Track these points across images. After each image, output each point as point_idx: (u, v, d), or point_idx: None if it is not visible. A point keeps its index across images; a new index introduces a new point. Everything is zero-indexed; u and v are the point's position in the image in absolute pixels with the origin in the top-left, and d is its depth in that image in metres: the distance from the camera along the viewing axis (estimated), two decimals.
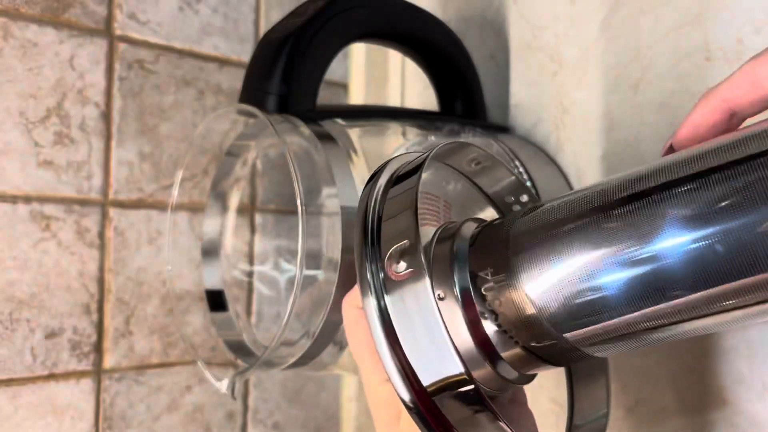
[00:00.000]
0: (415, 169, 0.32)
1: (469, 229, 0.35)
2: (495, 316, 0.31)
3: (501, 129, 0.55)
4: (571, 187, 0.52)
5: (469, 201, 0.49)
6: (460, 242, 0.33)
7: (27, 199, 0.53)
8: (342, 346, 0.44)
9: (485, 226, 0.34)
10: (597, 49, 0.50)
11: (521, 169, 0.49)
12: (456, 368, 0.28)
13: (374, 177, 0.34)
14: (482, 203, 0.50)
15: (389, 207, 0.32)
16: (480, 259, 0.32)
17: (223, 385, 0.43)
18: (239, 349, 0.48)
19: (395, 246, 0.30)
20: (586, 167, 0.51)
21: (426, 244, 0.34)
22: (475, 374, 0.32)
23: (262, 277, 0.61)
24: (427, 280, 0.28)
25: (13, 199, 0.52)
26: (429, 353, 0.28)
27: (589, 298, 0.29)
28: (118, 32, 0.57)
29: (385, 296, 0.29)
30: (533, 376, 0.35)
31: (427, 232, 0.36)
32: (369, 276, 0.30)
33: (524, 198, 0.40)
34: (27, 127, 0.53)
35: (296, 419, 0.68)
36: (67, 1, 0.55)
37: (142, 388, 0.58)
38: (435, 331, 0.28)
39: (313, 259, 0.41)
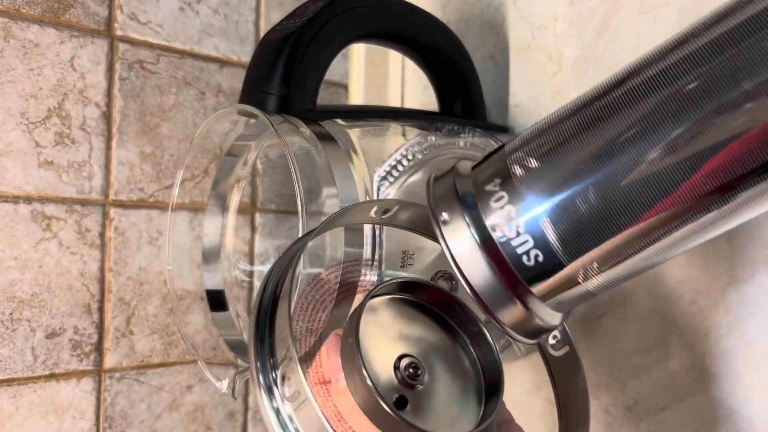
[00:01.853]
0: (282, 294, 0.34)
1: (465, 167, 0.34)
2: None
3: (500, 129, 0.55)
4: None
5: None
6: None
7: (28, 200, 0.53)
8: None
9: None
10: (596, 49, 0.50)
11: None
12: None
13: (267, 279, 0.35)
14: None
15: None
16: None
17: (224, 385, 0.43)
18: (240, 348, 0.48)
19: (282, 366, 0.32)
20: None
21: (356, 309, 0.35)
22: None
23: (262, 277, 0.61)
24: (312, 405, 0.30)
25: (15, 200, 0.52)
26: None
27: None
28: (118, 33, 0.58)
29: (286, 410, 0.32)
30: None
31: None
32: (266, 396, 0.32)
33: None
34: (28, 127, 0.53)
35: None
36: (67, 2, 0.55)
37: (143, 388, 0.58)
38: None
39: (314, 258, 0.42)
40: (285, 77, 0.42)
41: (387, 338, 0.35)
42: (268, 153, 0.57)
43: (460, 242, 0.28)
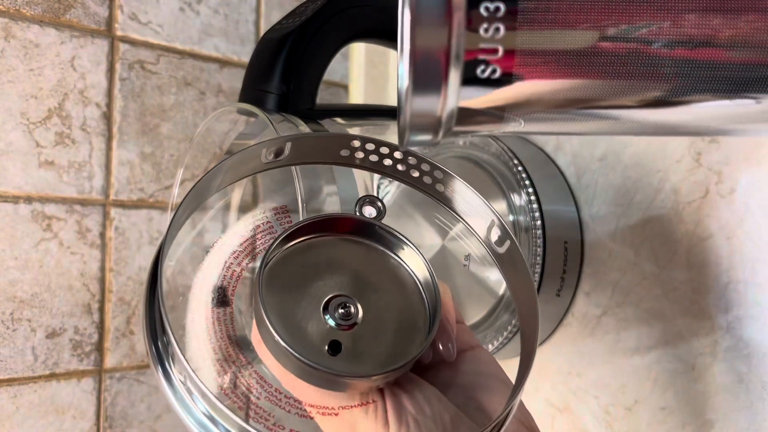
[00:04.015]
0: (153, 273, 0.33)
1: None
2: None
3: None
4: (570, 188, 0.52)
5: None
6: None
7: (28, 200, 0.53)
8: None
9: None
10: None
11: (520, 168, 0.49)
12: None
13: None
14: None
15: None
16: None
17: (225, 381, 0.43)
18: (241, 344, 0.48)
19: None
20: (585, 167, 0.51)
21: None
22: None
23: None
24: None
25: (15, 200, 0.52)
26: None
27: None
28: (119, 33, 0.58)
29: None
30: None
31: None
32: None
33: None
34: (28, 127, 0.53)
35: None
36: (68, 2, 0.55)
37: (143, 388, 0.58)
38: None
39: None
40: (284, 76, 0.42)
41: (313, 284, 0.33)
42: None
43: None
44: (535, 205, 0.48)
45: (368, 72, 0.70)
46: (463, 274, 0.51)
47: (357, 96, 0.71)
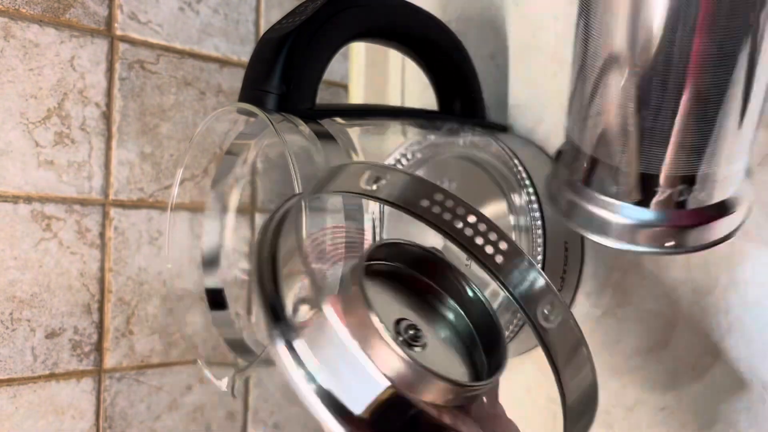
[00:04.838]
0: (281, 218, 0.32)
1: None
2: None
3: (500, 128, 0.55)
4: None
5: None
6: None
7: (28, 199, 0.53)
8: None
9: None
10: None
11: (520, 168, 0.49)
12: (378, 385, 0.26)
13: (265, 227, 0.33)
14: (483, 194, 0.50)
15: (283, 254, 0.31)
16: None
17: (223, 384, 0.43)
18: (239, 347, 0.48)
19: (297, 296, 0.29)
20: None
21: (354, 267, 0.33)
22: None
23: None
24: (331, 312, 0.27)
25: (14, 199, 0.52)
26: (350, 379, 0.26)
27: None
28: (118, 32, 0.58)
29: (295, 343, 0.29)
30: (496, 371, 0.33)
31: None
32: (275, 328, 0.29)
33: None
34: (28, 127, 0.53)
35: (296, 419, 0.68)
36: (67, 2, 0.55)
37: (143, 388, 0.58)
38: (347, 355, 0.26)
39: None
40: (284, 76, 0.42)
41: (388, 301, 0.34)
42: (267, 152, 0.57)
43: None
44: (535, 205, 0.48)
45: (368, 72, 0.70)
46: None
47: (357, 96, 0.71)
